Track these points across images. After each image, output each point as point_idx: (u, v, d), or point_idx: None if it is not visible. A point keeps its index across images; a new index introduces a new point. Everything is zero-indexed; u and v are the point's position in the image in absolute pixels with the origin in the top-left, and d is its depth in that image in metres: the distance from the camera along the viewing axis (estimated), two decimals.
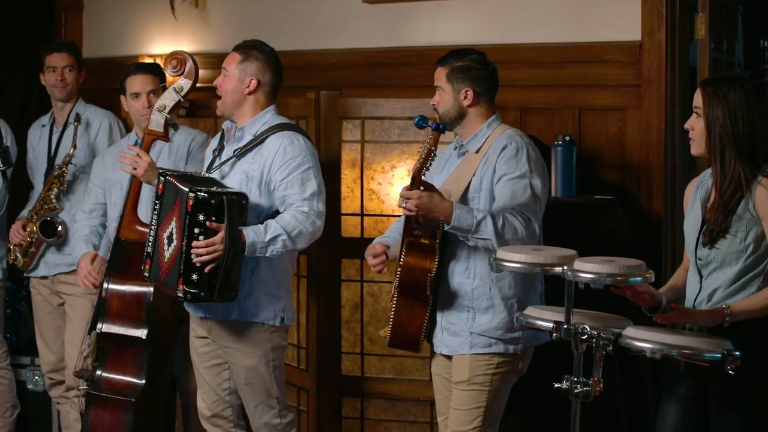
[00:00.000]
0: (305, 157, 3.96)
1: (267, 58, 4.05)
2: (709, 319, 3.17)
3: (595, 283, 2.99)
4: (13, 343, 5.49)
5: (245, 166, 3.99)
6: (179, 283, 3.78)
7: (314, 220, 3.91)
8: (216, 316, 4.01)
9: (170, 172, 3.99)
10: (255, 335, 3.99)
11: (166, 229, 3.89)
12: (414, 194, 3.48)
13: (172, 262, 3.84)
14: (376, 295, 4.73)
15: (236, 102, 4.03)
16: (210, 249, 3.75)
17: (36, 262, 4.99)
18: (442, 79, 3.72)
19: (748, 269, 3.23)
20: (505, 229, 3.48)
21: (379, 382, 4.75)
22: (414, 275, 3.59)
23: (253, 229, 3.83)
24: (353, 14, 5.23)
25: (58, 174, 4.85)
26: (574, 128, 4.75)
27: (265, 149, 3.98)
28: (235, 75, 4.01)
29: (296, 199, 3.91)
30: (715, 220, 3.24)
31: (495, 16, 4.93)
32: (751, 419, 3.21)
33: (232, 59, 4.03)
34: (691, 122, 3.30)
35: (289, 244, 3.87)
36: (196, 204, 3.74)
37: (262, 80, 4.03)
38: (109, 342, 4.26)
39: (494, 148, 3.66)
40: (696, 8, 4.76)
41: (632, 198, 4.66)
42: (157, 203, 3.96)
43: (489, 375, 3.66)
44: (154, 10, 5.68)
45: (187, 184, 3.81)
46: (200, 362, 4.16)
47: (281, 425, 4.07)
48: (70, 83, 4.96)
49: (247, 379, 4.02)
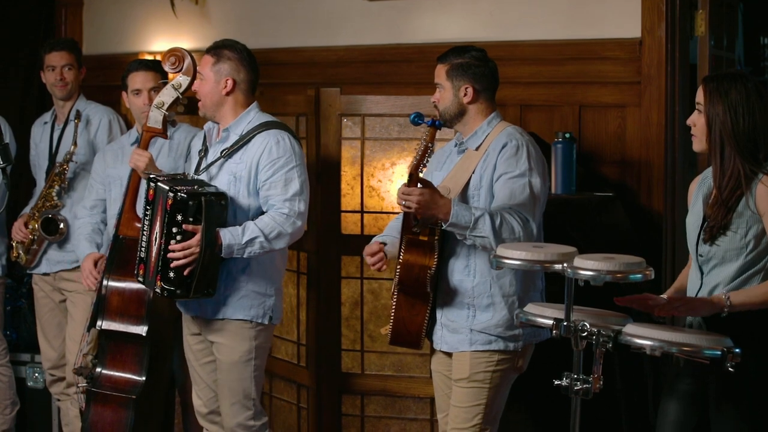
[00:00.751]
0: (290, 156, 3.97)
1: (239, 56, 4.06)
2: (709, 307, 3.17)
3: (595, 280, 2.99)
4: (13, 340, 5.50)
5: (232, 167, 4.00)
6: (157, 280, 3.86)
7: (294, 221, 3.93)
8: (206, 315, 4.03)
9: (160, 177, 4.02)
10: (241, 332, 4.01)
11: (155, 230, 3.92)
12: (414, 191, 3.48)
13: (156, 260, 3.88)
14: (376, 292, 4.73)
15: (215, 104, 4.04)
16: (186, 252, 3.81)
17: (38, 260, 5.00)
18: (442, 77, 3.71)
19: (749, 266, 3.23)
20: (503, 228, 3.48)
21: (379, 379, 4.75)
22: (414, 272, 3.58)
23: (230, 230, 3.87)
24: (353, 11, 5.23)
25: (59, 171, 4.86)
26: (575, 125, 4.75)
27: (251, 148, 3.99)
28: (210, 77, 4.03)
29: (278, 200, 3.93)
30: (716, 216, 3.24)
31: (495, 12, 4.93)
32: (750, 416, 3.21)
33: (206, 62, 4.05)
34: (693, 118, 3.30)
35: (267, 245, 3.90)
36: (175, 204, 3.80)
37: (237, 79, 4.04)
38: (109, 339, 4.26)
39: (494, 146, 3.66)
40: (696, 5, 4.76)
41: (632, 195, 4.66)
42: (148, 208, 3.99)
43: (489, 372, 3.66)
44: (154, 6, 5.68)
45: (169, 184, 3.85)
46: (195, 359, 4.17)
47: (255, 427, 4.06)
48: (70, 82, 4.96)
49: (228, 375, 4.03)
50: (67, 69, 4.95)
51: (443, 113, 3.72)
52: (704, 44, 4.81)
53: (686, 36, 4.70)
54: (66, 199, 4.90)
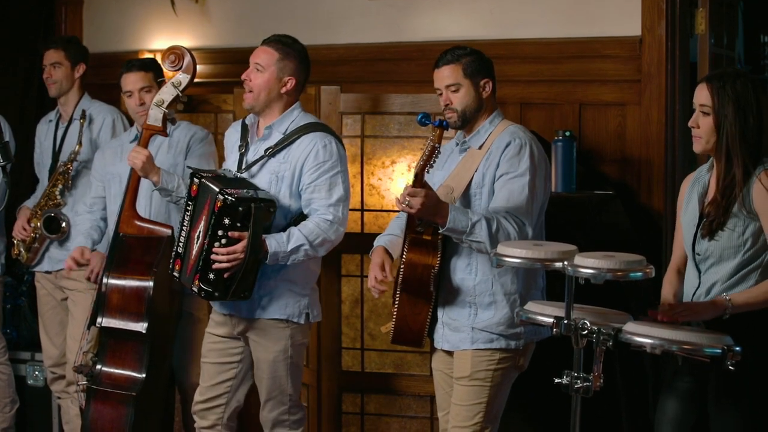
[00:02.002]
0: (336, 161, 3.94)
1: (303, 56, 4.03)
2: (711, 310, 3.18)
3: (595, 278, 2.99)
4: (13, 339, 5.49)
5: (275, 166, 3.96)
6: (195, 279, 3.81)
7: (337, 228, 3.91)
8: (241, 314, 4.01)
9: (204, 173, 3.97)
10: (277, 332, 3.98)
11: (198, 228, 3.88)
12: (420, 193, 3.47)
13: (196, 258, 3.85)
14: None
15: (270, 99, 3.98)
16: (231, 257, 3.77)
17: (39, 258, 5.00)
18: (458, 76, 3.68)
19: (746, 263, 3.24)
20: (499, 233, 3.49)
21: (380, 377, 4.75)
22: (417, 271, 3.58)
23: (275, 237, 3.83)
24: (353, 10, 5.22)
25: (63, 171, 4.86)
26: (575, 123, 4.75)
27: (296, 150, 3.94)
28: (273, 72, 3.96)
29: (321, 204, 3.90)
30: (716, 212, 3.24)
31: (495, 11, 4.93)
32: (750, 414, 3.22)
33: (270, 56, 3.97)
34: (697, 120, 3.27)
35: (311, 252, 3.88)
36: (224, 207, 3.75)
37: (298, 79, 4.00)
38: (109, 336, 4.26)
39: (497, 144, 3.66)
40: (696, 3, 4.77)
41: (632, 193, 4.67)
42: (190, 204, 3.95)
43: (490, 371, 3.66)
44: (154, 5, 5.68)
45: (218, 185, 3.80)
46: (208, 356, 4.14)
47: (288, 421, 4.07)
48: (58, 80, 4.94)
49: (264, 373, 4.02)
50: (54, 67, 4.93)
51: (464, 111, 3.69)
52: (704, 42, 4.82)
53: (686, 34, 4.71)
54: (68, 197, 4.90)
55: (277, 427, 4.08)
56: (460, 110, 3.69)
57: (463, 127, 3.72)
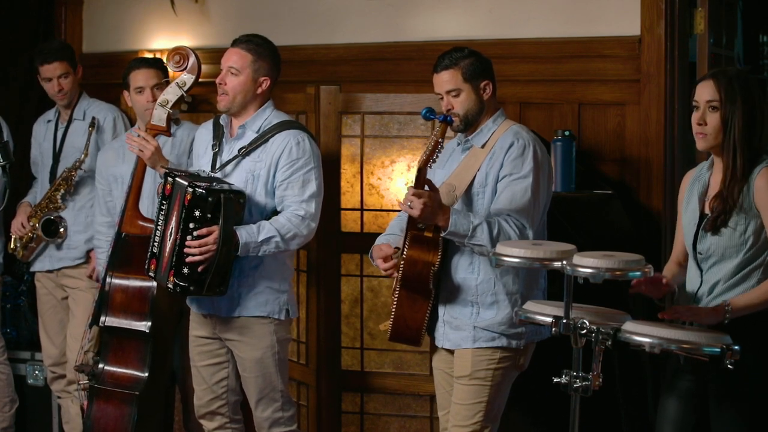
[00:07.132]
0: (309, 158, 3.97)
1: (275, 56, 4.05)
2: (712, 316, 3.18)
3: (594, 277, 3.00)
4: (13, 338, 5.50)
5: (250, 165, 3.99)
6: (170, 275, 3.84)
7: (309, 223, 3.95)
8: (220, 313, 4.03)
9: (178, 172, 3.99)
10: (260, 328, 4.00)
11: (170, 225, 3.91)
12: (423, 194, 3.48)
13: (169, 255, 3.87)
14: (376, 290, 4.73)
15: (245, 101, 4.01)
16: (203, 249, 3.80)
17: (35, 255, 5.01)
18: (458, 81, 3.67)
19: (748, 262, 3.24)
20: (500, 236, 3.50)
21: (379, 376, 4.75)
22: (417, 268, 3.58)
23: (246, 229, 3.86)
24: (353, 9, 5.23)
25: (67, 177, 4.86)
26: (574, 123, 4.75)
27: (270, 148, 3.98)
28: (248, 75, 3.98)
29: (294, 201, 3.94)
30: (722, 206, 3.23)
31: (494, 10, 4.94)
32: (750, 413, 3.22)
33: (243, 58, 3.99)
34: (704, 116, 3.25)
35: (282, 245, 3.91)
36: (193, 199, 3.78)
37: (272, 79, 4.03)
38: (112, 335, 4.27)
39: (501, 144, 3.65)
40: (695, 3, 4.77)
41: (632, 192, 4.67)
42: (164, 203, 3.96)
43: (491, 370, 3.66)
44: (153, 4, 5.68)
45: (188, 180, 3.83)
46: (199, 360, 4.17)
47: (283, 419, 4.08)
48: (69, 90, 4.93)
49: (253, 372, 4.03)
50: (63, 78, 4.91)
51: (467, 115, 3.68)
52: (703, 42, 4.82)
53: (685, 34, 4.71)
54: (69, 201, 4.91)
55: (275, 426, 4.09)
56: (463, 114, 3.69)
57: (466, 129, 3.73)
